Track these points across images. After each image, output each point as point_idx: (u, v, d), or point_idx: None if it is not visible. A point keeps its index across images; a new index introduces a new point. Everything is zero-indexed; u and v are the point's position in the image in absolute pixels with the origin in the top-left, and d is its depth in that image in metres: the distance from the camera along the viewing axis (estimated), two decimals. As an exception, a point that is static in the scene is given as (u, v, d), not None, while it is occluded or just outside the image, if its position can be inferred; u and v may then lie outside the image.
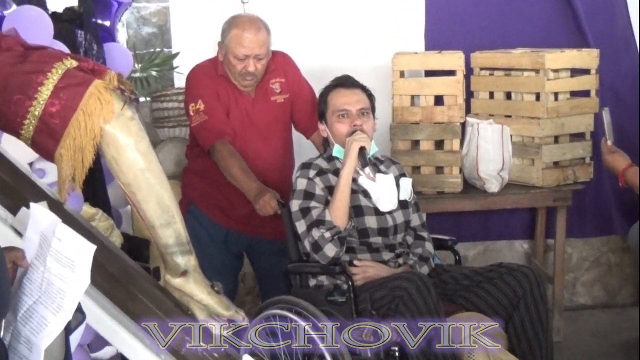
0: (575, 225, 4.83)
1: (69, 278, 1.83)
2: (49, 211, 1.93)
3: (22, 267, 1.90)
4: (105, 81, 2.42)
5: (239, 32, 3.60)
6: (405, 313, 2.96)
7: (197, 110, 3.63)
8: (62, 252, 1.85)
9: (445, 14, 4.85)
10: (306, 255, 3.33)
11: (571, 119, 4.43)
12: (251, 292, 4.58)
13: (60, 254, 1.85)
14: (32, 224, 1.94)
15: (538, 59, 4.32)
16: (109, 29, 4.09)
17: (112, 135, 2.40)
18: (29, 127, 2.37)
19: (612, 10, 4.90)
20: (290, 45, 4.10)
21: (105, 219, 3.00)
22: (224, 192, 3.69)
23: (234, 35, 3.60)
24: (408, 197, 3.47)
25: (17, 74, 2.37)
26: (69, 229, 1.86)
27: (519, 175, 4.45)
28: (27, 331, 1.87)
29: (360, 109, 3.39)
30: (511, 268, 3.27)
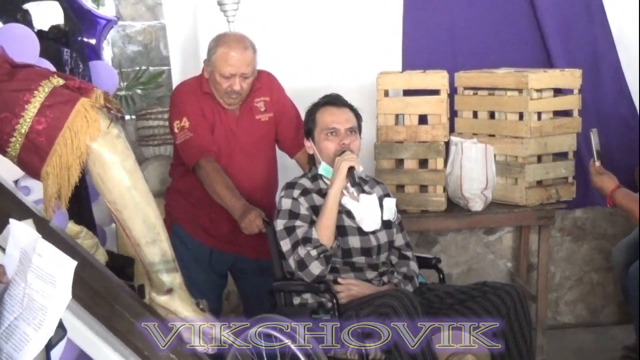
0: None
1: (50, 294, 1.83)
2: (29, 227, 1.94)
3: (3, 283, 1.90)
4: (92, 99, 2.42)
5: (225, 51, 3.61)
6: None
7: (182, 127, 3.64)
8: (42, 268, 1.85)
9: (422, 35, 4.87)
10: (290, 273, 3.34)
11: (554, 139, 4.45)
12: (235, 311, 4.58)
13: (41, 269, 1.85)
14: (12, 240, 1.94)
15: (521, 78, 4.35)
16: (94, 47, 4.10)
17: (98, 153, 2.41)
18: (16, 145, 2.37)
19: (593, 30, 4.94)
20: (276, 65, 4.13)
21: (90, 237, 3.01)
22: (207, 211, 3.69)
23: (221, 53, 3.61)
24: (392, 217, 3.48)
25: (4, 91, 2.38)
26: (50, 245, 1.86)
27: (503, 194, 4.47)
28: (8, 347, 1.87)
29: (349, 128, 3.40)
30: (495, 287, 3.29)
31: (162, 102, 4.80)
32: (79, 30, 3.96)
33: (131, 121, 4.77)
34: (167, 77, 5.02)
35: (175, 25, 4.78)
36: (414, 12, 4.87)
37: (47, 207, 2.47)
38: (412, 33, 4.87)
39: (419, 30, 4.89)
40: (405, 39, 4.86)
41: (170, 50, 4.83)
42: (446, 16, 4.91)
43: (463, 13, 4.92)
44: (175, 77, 4.70)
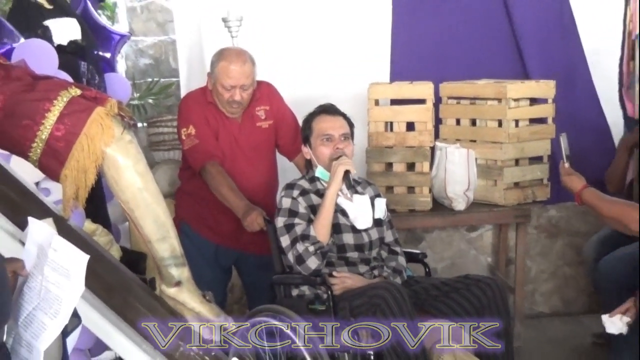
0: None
1: (65, 285, 1.83)
2: (45, 225, 1.94)
3: (22, 276, 1.90)
4: (107, 108, 2.42)
5: (226, 64, 3.60)
6: (382, 319, 2.97)
7: (189, 134, 3.64)
8: (58, 262, 1.84)
9: (409, 49, 4.88)
10: (289, 267, 3.34)
11: (530, 144, 4.45)
12: (238, 302, 4.57)
13: (56, 263, 1.85)
14: (30, 236, 1.94)
15: (500, 89, 4.35)
16: (109, 60, 4.10)
17: (113, 157, 2.41)
18: (37, 150, 2.37)
19: (566, 45, 4.95)
20: (276, 76, 4.13)
21: (105, 234, 3.00)
22: (213, 211, 3.69)
23: (222, 67, 3.61)
24: (382, 216, 3.48)
25: (26, 101, 2.38)
26: (64, 240, 1.86)
27: (483, 194, 4.47)
28: (27, 335, 1.86)
29: (342, 134, 3.41)
30: (476, 279, 3.29)
31: (171, 111, 4.80)
32: (95, 44, 3.96)
33: (143, 128, 4.77)
34: (176, 87, 5.02)
35: (183, 40, 4.78)
36: (402, 29, 4.88)
37: (66, 207, 2.47)
38: (400, 48, 4.88)
39: (406, 45, 4.89)
40: (393, 53, 4.86)
41: (179, 63, 4.82)
42: (431, 32, 4.91)
43: (447, 29, 4.92)
44: (184, 88, 4.69)
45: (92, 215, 3.09)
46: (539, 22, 4.92)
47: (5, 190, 2.44)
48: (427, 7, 4.93)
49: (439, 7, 4.93)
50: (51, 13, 3.80)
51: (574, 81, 4.91)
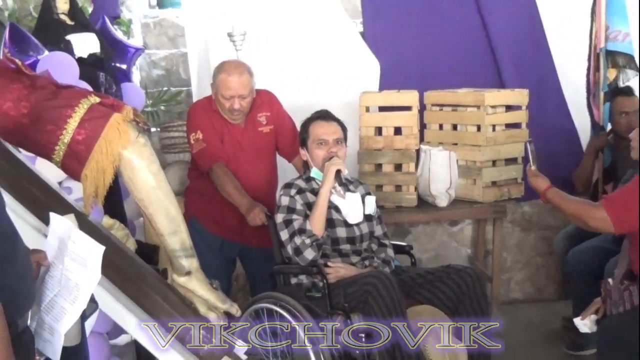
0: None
1: (83, 274, 1.84)
2: (65, 219, 1.94)
3: (44, 266, 1.90)
4: (123, 114, 2.42)
5: (225, 76, 3.58)
6: (373, 305, 2.96)
7: (197, 139, 3.63)
8: (76, 253, 1.85)
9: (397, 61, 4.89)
10: (288, 259, 3.33)
11: (506, 147, 4.46)
12: (242, 290, 4.56)
13: (75, 254, 1.85)
14: (51, 230, 1.94)
15: (479, 97, 4.36)
16: (125, 71, 4.10)
17: (129, 159, 2.41)
18: (59, 152, 2.37)
19: (538, 57, 4.96)
20: (276, 84, 4.12)
21: (122, 228, 2.99)
22: (219, 207, 3.68)
23: (221, 78, 3.59)
24: (372, 211, 3.47)
25: (50, 108, 2.38)
26: (82, 233, 1.87)
27: (464, 192, 4.47)
28: (49, 319, 1.86)
29: (336, 138, 3.40)
30: (457, 269, 3.28)
31: (181, 117, 4.80)
32: (112, 57, 3.96)
33: (156, 132, 4.76)
34: (185, 95, 5.01)
35: (194, 53, 4.77)
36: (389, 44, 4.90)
37: (86, 204, 2.47)
38: (388, 61, 4.89)
39: (394, 58, 4.90)
40: (382, 65, 4.87)
41: (190, 73, 4.82)
42: (417, 46, 4.93)
43: (430, 44, 4.94)
44: (195, 96, 4.69)
45: (110, 211, 3.09)
46: (513, 37, 4.93)
47: (30, 189, 2.44)
48: (412, 24, 4.94)
49: (423, 24, 4.95)
50: (72, 28, 3.80)
51: (545, 90, 4.92)
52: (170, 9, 5.25)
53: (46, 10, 3.82)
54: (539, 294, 5.04)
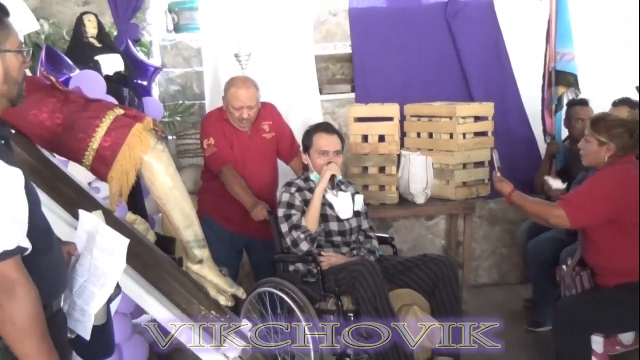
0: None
1: (110, 263, 1.83)
2: (93, 215, 1.93)
3: (75, 256, 1.89)
4: (144, 124, 2.42)
5: (235, 90, 3.58)
6: (360, 289, 2.96)
7: (209, 144, 3.62)
8: (104, 244, 1.84)
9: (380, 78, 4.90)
10: (287, 249, 3.32)
11: (475, 152, 4.45)
12: (248, 276, 4.55)
13: (102, 245, 1.84)
14: (80, 225, 1.94)
15: (451, 109, 4.35)
16: (146, 87, 4.09)
17: (149, 162, 2.40)
18: (89, 157, 2.37)
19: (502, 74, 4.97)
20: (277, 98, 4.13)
21: (143, 223, 2.99)
22: (228, 205, 3.66)
23: (232, 92, 3.59)
24: (360, 208, 3.47)
25: (81, 119, 2.37)
26: (109, 227, 1.86)
27: (438, 191, 4.46)
28: (80, 302, 1.86)
29: (335, 150, 3.38)
30: (433, 258, 3.28)
31: (194, 126, 4.78)
32: (135, 75, 3.95)
33: (172, 140, 4.75)
34: (198, 108, 4.99)
35: (208, 71, 4.78)
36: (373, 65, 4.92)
37: (112, 202, 2.46)
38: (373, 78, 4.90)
39: (378, 75, 4.91)
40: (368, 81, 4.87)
41: (205, 88, 4.82)
42: (397, 65, 4.95)
43: (410, 62, 4.95)
44: (208, 107, 4.69)
45: (133, 208, 3.08)
46: (480, 58, 4.95)
47: (63, 189, 2.44)
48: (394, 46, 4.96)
49: (403, 46, 4.97)
50: (100, 50, 3.80)
51: (508, 103, 4.93)
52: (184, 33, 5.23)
53: (77, 35, 3.81)
54: (503, 278, 5.04)
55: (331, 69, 5.15)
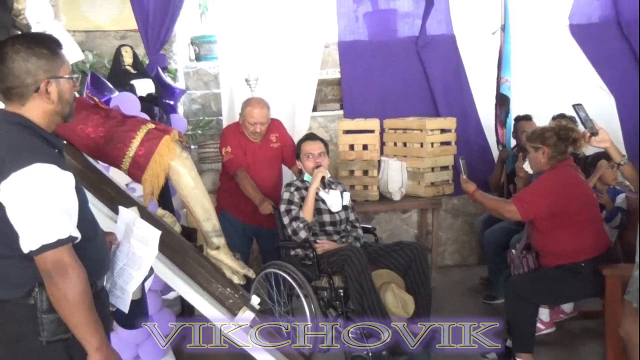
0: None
1: (145, 250, 1.83)
2: (130, 211, 1.94)
3: (115, 244, 1.89)
4: (171, 136, 2.42)
5: (250, 109, 3.60)
6: (348, 270, 2.95)
7: (227, 151, 3.64)
8: (140, 235, 1.84)
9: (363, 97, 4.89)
10: (288, 237, 3.31)
11: (441, 158, 4.47)
12: (256, 260, 4.55)
13: (139, 235, 1.85)
14: (120, 218, 1.94)
15: (422, 123, 4.37)
16: (173, 106, 4.08)
17: (175, 167, 2.40)
18: (126, 163, 2.36)
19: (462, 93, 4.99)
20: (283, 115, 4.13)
21: (170, 217, 2.98)
22: (241, 201, 3.66)
23: (248, 110, 3.60)
24: (348, 203, 3.45)
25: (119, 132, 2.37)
26: (143, 221, 1.87)
27: (412, 190, 4.48)
28: (120, 282, 1.86)
29: (319, 152, 3.38)
30: (407, 244, 3.26)
31: (213, 138, 4.78)
32: (163, 96, 3.94)
33: (195, 149, 4.75)
34: (215, 123, 4.99)
35: (225, 93, 4.78)
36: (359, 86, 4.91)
37: (145, 200, 2.46)
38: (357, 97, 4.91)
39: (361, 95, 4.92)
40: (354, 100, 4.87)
41: (222, 106, 4.82)
42: (378, 86, 4.96)
43: (388, 84, 4.98)
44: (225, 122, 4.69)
45: (162, 204, 3.07)
46: (445, 81, 4.98)
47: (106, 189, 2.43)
48: (375, 70, 4.97)
49: (383, 71, 4.99)
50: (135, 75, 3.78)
51: (467, 118, 4.95)
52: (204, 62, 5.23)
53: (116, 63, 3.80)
54: (464, 260, 5.05)
55: (324, 90, 5.16)
